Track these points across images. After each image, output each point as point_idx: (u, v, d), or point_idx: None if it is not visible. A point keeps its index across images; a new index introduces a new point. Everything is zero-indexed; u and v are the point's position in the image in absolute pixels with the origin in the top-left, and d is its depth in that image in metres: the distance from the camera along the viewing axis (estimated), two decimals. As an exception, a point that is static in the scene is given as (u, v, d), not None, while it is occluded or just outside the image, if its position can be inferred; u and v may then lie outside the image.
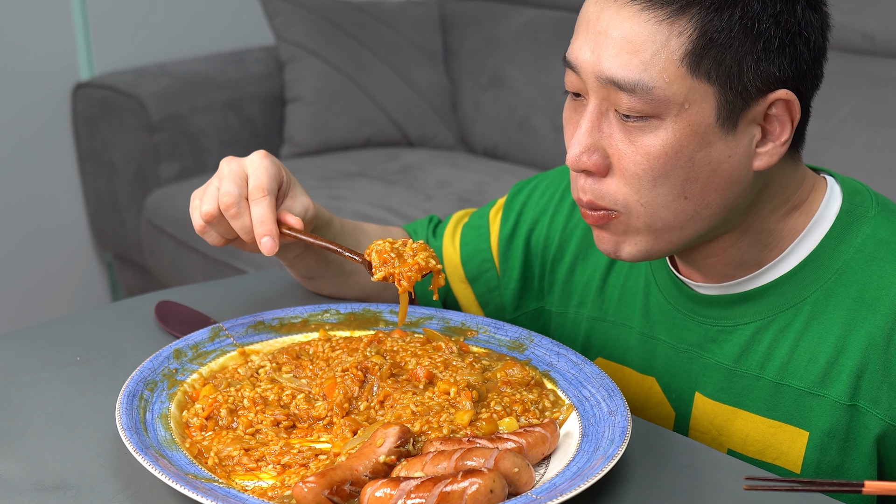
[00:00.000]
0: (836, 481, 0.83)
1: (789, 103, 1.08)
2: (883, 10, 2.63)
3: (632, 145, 1.07)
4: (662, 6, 1.03)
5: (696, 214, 1.09)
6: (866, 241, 1.13)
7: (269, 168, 1.22)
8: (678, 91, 1.04)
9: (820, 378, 1.13)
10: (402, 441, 1.01)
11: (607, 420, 1.08)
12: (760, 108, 1.07)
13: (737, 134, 1.07)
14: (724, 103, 1.05)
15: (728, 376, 1.19)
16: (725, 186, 1.09)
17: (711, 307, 1.20)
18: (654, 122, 1.05)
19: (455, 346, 1.22)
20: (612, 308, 1.31)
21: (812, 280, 1.14)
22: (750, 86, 1.05)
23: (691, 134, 1.05)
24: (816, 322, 1.14)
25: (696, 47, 1.03)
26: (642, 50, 1.04)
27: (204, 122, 3.15)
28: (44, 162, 3.23)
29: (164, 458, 1.01)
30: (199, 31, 3.44)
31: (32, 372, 1.23)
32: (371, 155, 3.19)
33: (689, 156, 1.06)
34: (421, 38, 3.36)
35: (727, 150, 1.07)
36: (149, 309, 1.38)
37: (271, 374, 1.19)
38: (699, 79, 1.04)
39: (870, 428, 1.11)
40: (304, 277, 1.40)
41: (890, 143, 2.50)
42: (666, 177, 1.07)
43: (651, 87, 1.04)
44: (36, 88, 3.17)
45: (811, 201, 1.16)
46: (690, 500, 1.02)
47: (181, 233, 2.93)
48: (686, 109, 1.05)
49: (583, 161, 1.09)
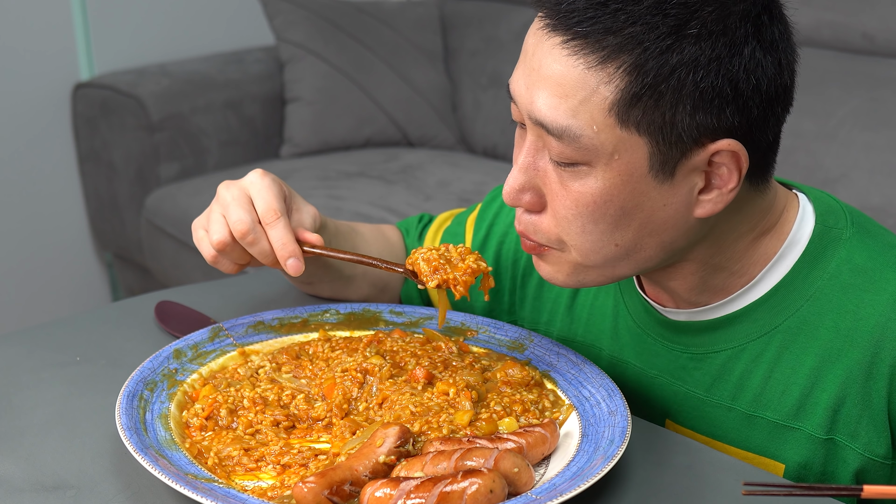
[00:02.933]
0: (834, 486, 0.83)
1: (735, 153, 1.00)
2: (883, 10, 2.63)
3: (563, 188, 1.02)
4: (591, 52, 0.97)
5: (627, 256, 1.05)
6: (841, 266, 1.08)
7: (273, 187, 1.20)
8: (607, 140, 0.98)
9: (794, 410, 1.10)
10: (402, 441, 1.01)
11: (607, 420, 1.08)
12: (701, 157, 1.00)
13: (674, 183, 1.01)
14: (657, 154, 0.99)
15: (699, 405, 1.16)
16: (661, 232, 1.04)
17: (681, 333, 1.16)
18: (584, 169, 1.00)
19: (455, 347, 1.22)
20: (581, 328, 1.27)
21: (784, 307, 1.10)
22: (685, 137, 0.98)
23: (622, 183, 1.00)
24: (789, 352, 1.10)
25: (624, 97, 0.97)
26: (571, 95, 0.98)
27: (204, 122, 3.15)
28: (44, 162, 3.23)
29: (163, 458, 1.01)
30: (199, 31, 3.44)
31: (32, 372, 1.23)
32: (371, 155, 3.19)
33: (620, 205, 1.01)
34: (421, 38, 3.36)
35: (662, 199, 1.02)
36: (149, 309, 1.38)
37: (271, 374, 1.19)
38: (628, 129, 0.98)
39: (848, 462, 1.09)
40: (303, 283, 1.37)
41: (890, 143, 2.50)
42: (595, 223, 1.02)
43: (578, 135, 0.99)
44: (36, 88, 3.17)
45: (782, 224, 1.11)
46: (690, 500, 1.02)
47: (181, 233, 2.93)
48: (616, 159, 0.99)
49: (517, 199, 1.05)
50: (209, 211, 1.22)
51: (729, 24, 0.97)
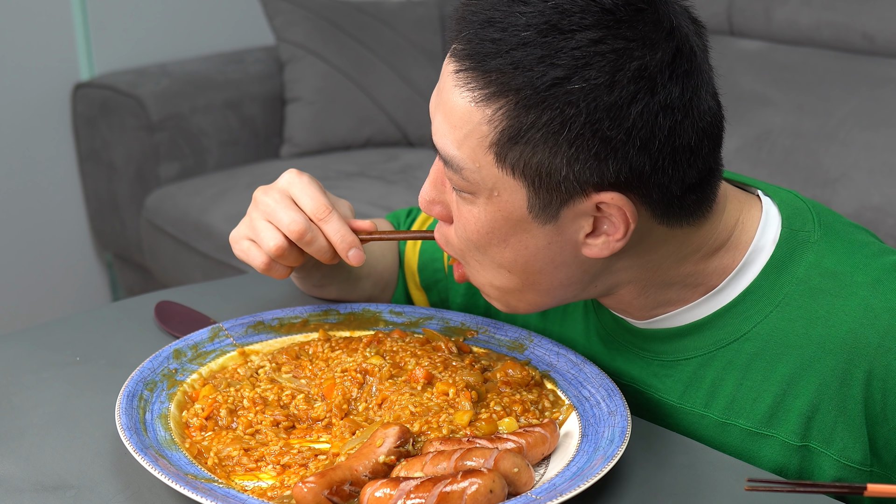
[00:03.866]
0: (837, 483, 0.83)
1: (620, 208, 0.98)
2: (883, 10, 2.63)
3: (458, 210, 1.05)
4: (478, 88, 0.97)
5: (525, 287, 1.05)
6: (810, 271, 1.07)
7: (314, 183, 1.21)
8: (487, 177, 0.99)
9: (767, 417, 1.09)
10: (402, 441, 1.01)
11: (607, 420, 1.08)
12: (585, 205, 0.99)
13: (559, 224, 1.00)
14: (536, 198, 0.99)
15: (672, 412, 1.16)
16: (550, 269, 1.03)
17: (650, 341, 1.15)
18: (469, 197, 1.02)
19: (455, 347, 1.22)
20: (556, 334, 1.27)
21: (752, 314, 1.08)
22: (564, 186, 0.97)
23: (503, 219, 1.01)
24: (760, 359, 1.09)
25: (502, 139, 0.97)
26: (458, 126, 0.99)
27: (204, 122, 3.15)
28: (44, 162, 3.23)
29: (163, 458, 1.01)
30: (199, 31, 3.44)
31: (32, 372, 1.23)
32: (371, 155, 3.19)
33: (503, 237, 1.02)
34: (421, 38, 3.36)
35: (546, 238, 1.01)
36: (149, 309, 1.38)
37: (271, 374, 1.19)
38: (506, 170, 0.98)
39: (825, 468, 1.08)
40: (315, 286, 1.36)
41: (890, 143, 2.50)
42: (477, 248, 1.04)
43: (462, 167, 1.00)
44: (36, 88, 3.17)
45: (738, 237, 1.09)
46: (690, 500, 1.02)
47: (181, 233, 2.93)
48: (496, 196, 1.00)
49: (429, 209, 1.08)
50: (250, 220, 1.21)
51: (616, 81, 0.94)
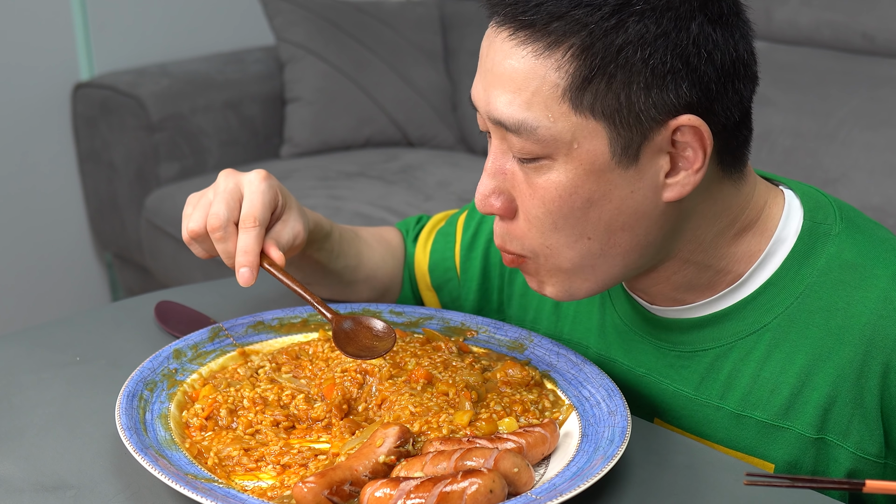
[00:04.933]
0: (836, 479, 0.83)
1: (697, 129, 0.99)
2: (883, 10, 2.63)
3: (530, 187, 1.02)
4: (538, 40, 0.97)
5: (603, 254, 1.04)
6: (830, 262, 1.07)
7: (266, 194, 1.17)
8: (564, 129, 0.98)
9: (783, 409, 1.09)
10: (402, 441, 1.02)
11: (607, 420, 1.08)
12: (663, 136, 0.99)
13: (640, 167, 1.00)
14: (618, 138, 0.98)
15: (688, 404, 1.15)
16: (633, 223, 1.02)
17: (669, 331, 1.15)
18: (546, 163, 1.00)
19: (455, 347, 1.22)
20: (568, 326, 1.26)
21: (772, 305, 1.09)
22: (644, 116, 0.97)
23: (585, 173, 0.99)
24: (778, 350, 1.09)
25: (574, 82, 0.96)
26: (524, 88, 0.98)
27: (204, 122, 3.15)
28: (44, 162, 3.23)
29: (163, 458, 1.01)
30: (199, 31, 3.44)
31: (32, 372, 1.23)
32: (371, 155, 3.19)
33: (587, 196, 1.00)
34: (421, 38, 3.36)
35: (629, 186, 1.00)
36: (149, 309, 1.38)
37: (271, 374, 1.19)
38: (584, 115, 0.97)
39: (840, 461, 1.08)
40: (304, 279, 1.36)
41: (890, 143, 2.50)
42: (565, 219, 1.01)
43: (535, 126, 0.98)
44: (36, 88, 3.17)
45: (765, 221, 1.09)
46: (690, 500, 1.02)
47: (181, 233, 2.93)
48: (576, 148, 0.98)
49: (488, 204, 1.04)
50: (203, 193, 1.20)
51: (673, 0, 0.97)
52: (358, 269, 1.35)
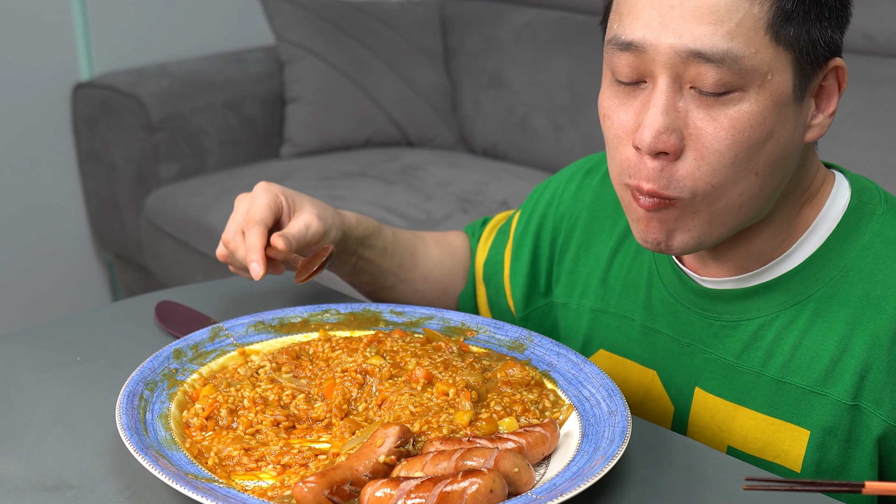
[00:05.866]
0: (835, 482, 0.83)
1: (840, 71, 1.08)
2: (883, 10, 2.63)
3: (714, 121, 1.04)
4: None
5: (757, 192, 1.07)
6: (873, 238, 1.12)
7: (262, 198, 1.28)
8: (762, 61, 1.02)
9: (822, 376, 1.12)
10: (402, 441, 1.02)
11: (607, 420, 1.08)
12: (819, 78, 1.07)
13: (802, 105, 1.07)
14: (800, 72, 1.05)
15: (729, 372, 1.18)
16: (785, 160, 1.08)
17: (715, 301, 1.19)
18: (736, 95, 1.03)
19: (455, 346, 1.22)
20: (615, 299, 1.30)
21: (817, 277, 1.13)
22: (819, 54, 1.05)
23: (772, 105, 1.04)
24: (820, 320, 1.13)
25: (777, 15, 1.02)
26: (726, 20, 1.01)
27: (204, 122, 3.15)
28: (44, 162, 3.23)
29: (164, 458, 1.01)
30: (199, 31, 3.44)
31: (32, 372, 1.23)
32: (371, 155, 3.19)
33: (770, 127, 1.05)
34: (421, 38, 3.36)
35: (794, 122, 1.07)
36: (149, 309, 1.38)
37: (271, 374, 1.19)
38: (780, 47, 1.03)
39: (871, 429, 1.10)
40: (366, 292, 1.46)
41: (890, 143, 2.50)
42: (746, 150, 1.04)
43: (739, 56, 1.01)
44: (36, 88, 3.17)
45: (821, 195, 1.15)
46: (690, 500, 1.02)
47: (181, 233, 2.94)
48: (769, 80, 1.03)
49: (662, 142, 1.04)
50: None
51: None
52: (414, 267, 1.44)
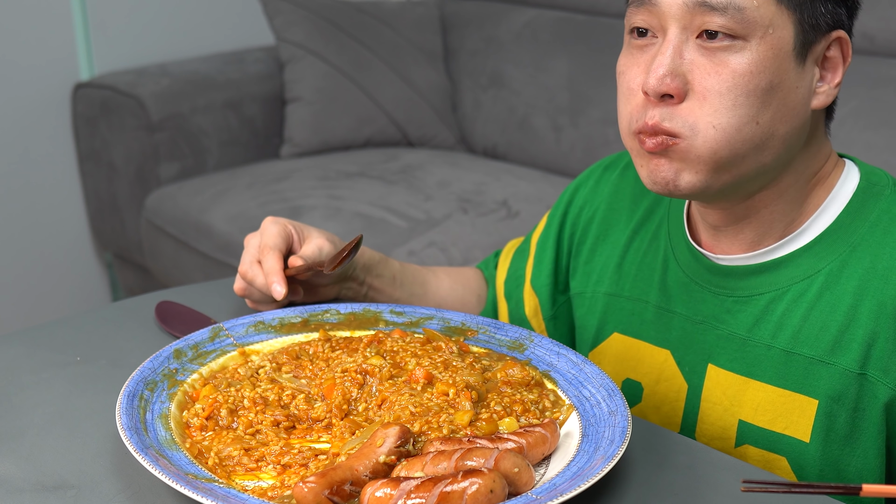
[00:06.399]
0: (833, 484, 0.84)
1: (844, 43, 1.15)
2: (883, 10, 2.63)
3: (716, 66, 1.11)
4: None
5: (760, 144, 1.12)
6: (881, 215, 1.17)
7: (272, 228, 1.35)
8: (765, 14, 1.10)
9: (831, 346, 1.15)
10: (403, 441, 1.02)
11: (607, 420, 1.08)
12: (822, 46, 1.13)
13: (804, 68, 1.13)
14: (800, 33, 1.11)
15: (741, 346, 1.21)
16: (790, 118, 1.13)
17: (729, 278, 1.23)
18: (739, 44, 1.10)
19: (455, 347, 1.22)
20: (629, 283, 1.34)
21: (827, 253, 1.18)
22: (821, 21, 1.12)
23: (773, 56, 1.11)
24: (829, 292, 1.16)
25: None
26: None
27: (204, 122, 3.15)
28: (44, 162, 3.23)
29: (164, 458, 1.01)
30: (199, 31, 3.44)
31: (32, 372, 1.23)
32: (371, 155, 3.19)
33: (770, 77, 1.11)
34: (421, 38, 3.36)
35: (796, 81, 1.13)
36: (149, 309, 1.38)
37: (271, 374, 1.19)
38: (782, 6, 1.10)
39: (878, 397, 1.13)
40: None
41: (890, 143, 2.50)
42: (746, 96, 1.10)
43: (742, 6, 1.09)
44: (36, 88, 3.17)
45: (832, 177, 1.21)
46: (690, 500, 1.02)
47: (181, 233, 2.94)
48: (770, 34, 1.10)
49: (666, 83, 1.11)
50: None
51: None
52: (425, 296, 1.50)
